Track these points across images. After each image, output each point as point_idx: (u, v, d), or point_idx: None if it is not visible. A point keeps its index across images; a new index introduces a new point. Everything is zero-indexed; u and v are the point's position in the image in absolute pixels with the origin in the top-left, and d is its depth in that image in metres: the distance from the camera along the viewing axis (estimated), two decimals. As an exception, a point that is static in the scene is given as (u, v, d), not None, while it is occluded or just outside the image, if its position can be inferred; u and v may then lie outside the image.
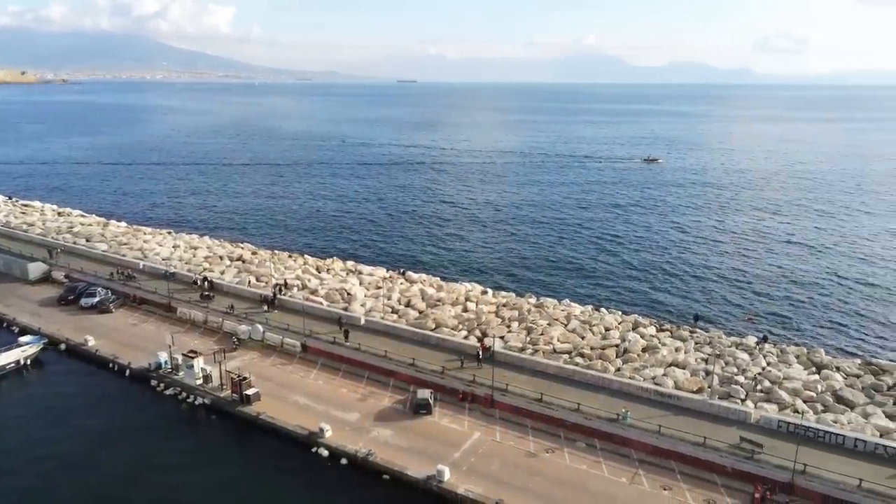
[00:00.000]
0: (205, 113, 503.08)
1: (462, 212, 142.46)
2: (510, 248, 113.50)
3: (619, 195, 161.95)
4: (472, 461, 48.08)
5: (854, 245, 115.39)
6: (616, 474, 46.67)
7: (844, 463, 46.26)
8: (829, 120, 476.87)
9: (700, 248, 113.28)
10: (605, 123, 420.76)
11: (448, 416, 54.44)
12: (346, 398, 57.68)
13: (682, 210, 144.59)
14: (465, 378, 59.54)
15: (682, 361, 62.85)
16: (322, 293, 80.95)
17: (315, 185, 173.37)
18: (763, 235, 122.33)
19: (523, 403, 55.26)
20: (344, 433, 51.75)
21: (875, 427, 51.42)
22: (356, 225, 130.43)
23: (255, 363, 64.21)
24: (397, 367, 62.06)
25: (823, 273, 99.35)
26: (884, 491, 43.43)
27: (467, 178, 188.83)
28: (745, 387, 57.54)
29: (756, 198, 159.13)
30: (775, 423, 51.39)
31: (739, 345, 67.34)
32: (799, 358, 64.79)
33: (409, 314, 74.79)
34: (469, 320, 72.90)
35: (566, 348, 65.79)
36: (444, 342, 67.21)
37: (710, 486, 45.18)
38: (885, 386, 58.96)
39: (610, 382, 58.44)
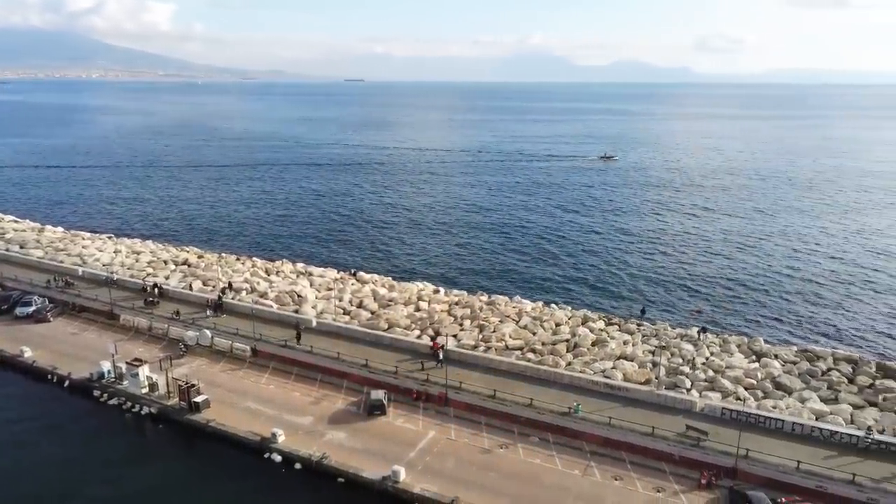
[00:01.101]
0: (145, 113, 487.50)
1: (412, 211, 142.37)
2: (462, 247, 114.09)
3: (568, 193, 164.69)
4: (428, 460, 48.20)
5: (787, 238, 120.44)
6: (569, 467, 47.54)
7: (784, 446, 48.35)
8: (763, 118, 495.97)
9: (645, 244, 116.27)
10: (554, 122, 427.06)
11: (402, 416, 54.40)
12: (298, 402, 56.94)
13: (627, 207, 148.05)
14: (419, 377, 59.61)
15: (630, 354, 64.48)
16: (272, 296, 79.67)
17: (262, 187, 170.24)
18: (703, 230, 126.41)
19: (477, 401, 55.70)
20: (297, 437, 51.09)
21: (811, 411, 53.93)
22: (306, 226, 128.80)
23: (203, 369, 62.70)
24: (350, 368, 61.64)
25: (759, 265, 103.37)
26: (820, 471, 45.62)
27: (416, 177, 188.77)
28: (690, 376, 59.48)
29: (696, 195, 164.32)
30: (719, 410, 53.30)
31: (684, 336, 69.56)
32: (740, 347, 67.37)
33: (362, 315, 74.39)
34: (422, 319, 73.00)
35: (518, 345, 66.61)
36: (397, 342, 67.11)
37: (658, 475, 46.51)
38: (820, 371, 61.91)
39: (561, 377, 59.48)
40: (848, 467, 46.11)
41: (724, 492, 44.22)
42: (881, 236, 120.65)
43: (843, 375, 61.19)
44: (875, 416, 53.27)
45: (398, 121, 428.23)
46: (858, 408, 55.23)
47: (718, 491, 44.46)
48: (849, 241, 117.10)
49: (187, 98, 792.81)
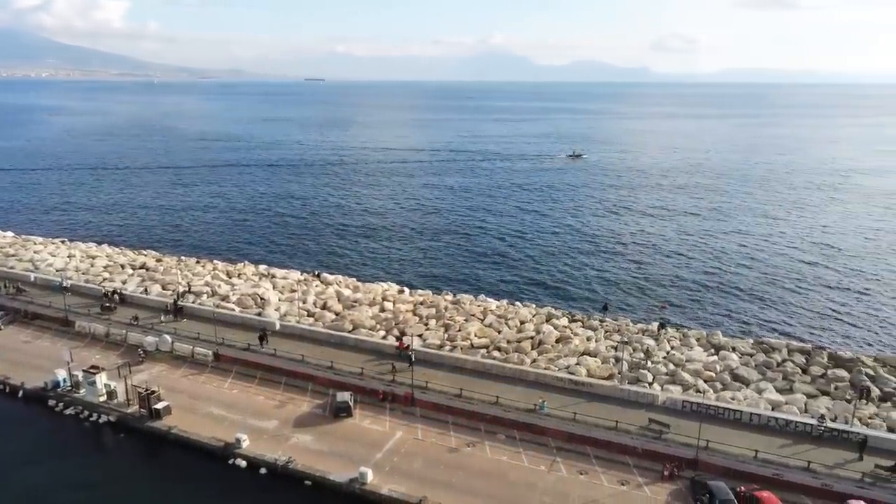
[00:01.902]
0: (99, 113, 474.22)
1: (376, 211, 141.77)
2: (426, 247, 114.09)
3: (531, 192, 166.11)
4: (395, 461, 48.12)
5: (742, 234, 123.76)
6: (535, 463, 48.02)
7: (742, 436, 49.75)
8: (718, 117, 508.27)
9: (606, 242, 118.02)
10: (517, 121, 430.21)
11: (369, 417, 54.18)
12: (263, 406, 56.21)
13: (589, 206, 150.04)
14: (384, 378, 59.45)
15: (593, 350, 65.43)
16: (234, 299, 78.45)
17: (222, 188, 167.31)
18: (662, 228, 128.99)
19: (443, 400, 55.82)
20: (262, 442, 50.44)
21: (767, 401, 55.58)
22: (267, 228, 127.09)
23: (164, 375, 61.38)
24: (315, 370, 61.12)
25: (716, 261, 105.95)
26: (776, 459, 47.08)
27: (379, 177, 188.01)
28: (652, 371, 60.65)
29: (655, 193, 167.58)
30: (680, 403, 54.53)
31: (646, 331, 70.89)
32: (699, 341, 68.97)
33: (326, 316, 73.82)
34: (387, 320, 72.80)
35: (483, 343, 66.97)
36: (362, 343, 66.81)
37: (622, 468, 47.33)
38: (775, 363, 63.81)
39: (526, 374, 60.02)
40: (803, 455, 47.68)
41: (685, 482, 45.25)
42: (829, 232, 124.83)
43: (797, 366, 63.20)
44: (827, 405, 55.16)
45: (360, 121, 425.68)
46: (812, 397, 57.12)
47: (680, 482, 45.47)
48: (799, 237, 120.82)
49: (143, 98, 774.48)
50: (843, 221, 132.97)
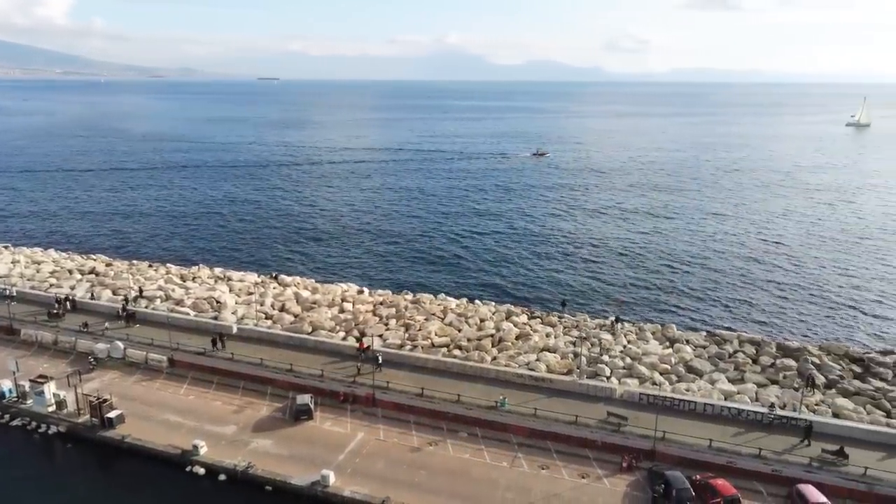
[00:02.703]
0: (41, 113, 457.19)
1: (334, 212, 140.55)
2: (385, 247, 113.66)
3: (488, 191, 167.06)
4: (357, 462, 47.87)
5: (693, 229, 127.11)
6: (497, 459, 48.41)
7: (697, 426, 51.14)
8: (669, 115, 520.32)
9: (563, 239, 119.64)
10: (474, 120, 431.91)
11: (330, 420, 53.74)
12: (220, 411, 55.16)
13: (546, 204, 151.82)
14: (346, 379, 59.05)
15: (552, 346, 66.32)
16: (188, 303, 76.76)
17: (173, 190, 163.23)
18: (616, 225, 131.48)
19: (405, 399, 55.77)
20: (220, 448, 49.51)
21: (720, 391, 57.27)
22: (223, 230, 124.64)
23: (116, 383, 59.65)
24: (274, 374, 60.31)
25: (668, 256, 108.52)
26: (730, 448, 48.57)
27: (336, 177, 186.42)
28: (609, 365, 61.81)
29: (609, 190, 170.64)
30: (637, 396, 55.72)
31: (603, 326, 72.18)
32: (654, 334, 70.59)
33: (285, 319, 72.92)
34: (346, 321, 72.32)
35: (444, 342, 67.16)
36: (322, 345, 66.22)
37: (583, 461, 48.11)
38: (727, 354, 65.80)
39: (487, 371, 60.44)
40: (754, 442, 49.30)
41: (643, 473, 46.28)
42: (774, 228, 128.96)
43: (747, 357, 65.28)
44: (777, 393, 57.14)
45: (315, 121, 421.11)
46: (762, 386, 59.07)
47: (639, 473, 46.49)
48: (746, 233, 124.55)
49: (89, 97, 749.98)
50: (787, 217, 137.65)
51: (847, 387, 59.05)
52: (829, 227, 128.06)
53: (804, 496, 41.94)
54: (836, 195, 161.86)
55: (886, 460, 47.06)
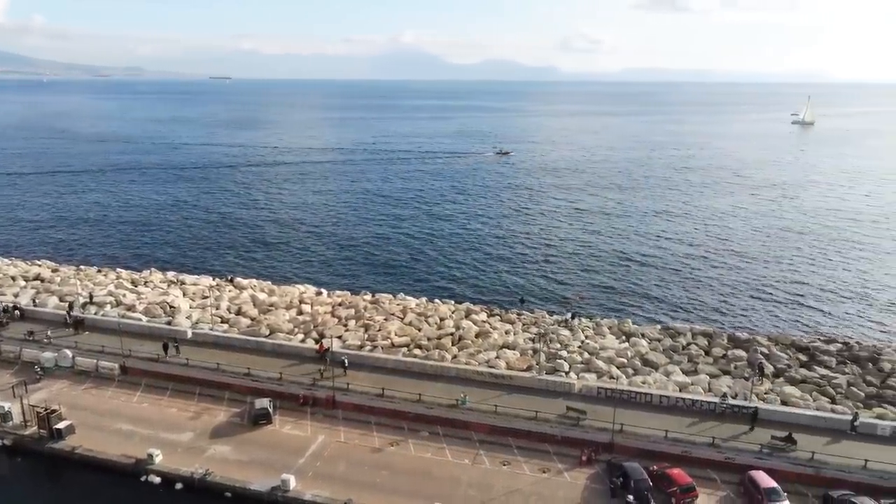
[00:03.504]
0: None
1: (290, 213, 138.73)
2: (343, 247, 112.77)
3: (446, 190, 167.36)
4: (318, 465, 47.40)
5: (646, 226, 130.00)
6: (459, 457, 48.59)
7: (653, 418, 52.32)
8: (622, 114, 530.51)
9: (520, 237, 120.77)
10: (432, 119, 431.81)
11: (290, 423, 53.07)
12: (176, 418, 53.87)
13: (502, 202, 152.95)
14: (304, 382, 58.40)
15: (512, 343, 66.92)
16: (140, 308, 74.73)
17: (121, 193, 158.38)
18: (571, 222, 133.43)
19: (365, 400, 55.48)
20: (176, 455, 48.37)
21: (675, 383, 58.73)
22: (175, 233, 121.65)
23: (65, 392, 57.65)
24: (232, 378, 59.22)
25: (623, 252, 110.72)
26: (685, 438, 49.89)
27: (290, 178, 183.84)
28: (568, 360, 62.71)
29: (565, 188, 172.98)
30: (595, 390, 56.69)
31: (561, 322, 73.17)
32: (611, 329, 71.93)
33: (241, 322, 71.68)
34: (305, 323, 71.54)
35: (404, 342, 67.05)
36: (280, 348, 65.33)
37: (543, 456, 48.68)
38: (681, 346, 67.53)
39: (448, 370, 60.60)
40: (708, 431, 50.75)
41: (602, 466, 47.12)
42: (723, 223, 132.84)
43: (700, 349, 67.14)
44: (728, 384, 58.91)
45: (269, 120, 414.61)
46: (714, 377, 60.81)
47: (598, 466, 47.29)
48: (697, 229, 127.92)
49: (31, 97, 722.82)
50: (734, 213, 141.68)
51: (794, 375, 61.29)
52: (774, 223, 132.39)
53: (755, 482, 43.34)
54: (780, 192, 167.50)
55: (831, 444, 49.02)
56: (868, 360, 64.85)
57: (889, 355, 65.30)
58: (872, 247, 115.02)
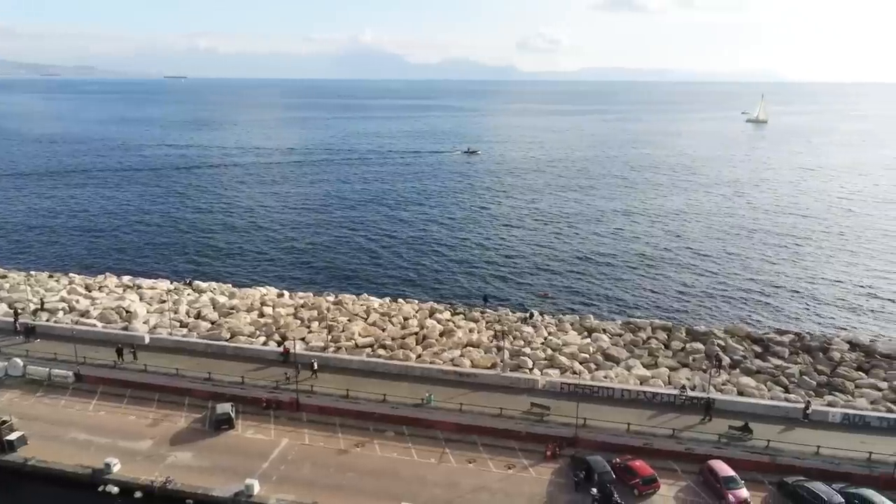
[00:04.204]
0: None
1: (250, 214, 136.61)
2: (304, 248, 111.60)
3: (407, 189, 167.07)
4: (283, 469, 46.84)
5: (607, 223, 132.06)
6: (425, 456, 48.60)
7: (616, 412, 53.20)
8: (579, 113, 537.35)
9: (481, 236, 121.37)
10: (394, 119, 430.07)
11: (253, 427, 52.30)
12: (134, 426, 52.55)
13: (462, 200, 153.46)
14: (267, 385, 57.64)
15: (476, 341, 67.23)
16: (95, 314, 72.69)
17: (73, 196, 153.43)
18: (533, 219, 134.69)
19: (330, 402, 55.05)
20: (135, 464, 47.18)
21: (636, 377, 59.86)
22: (129, 236, 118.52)
23: (16, 403, 55.64)
24: (192, 383, 58.05)
25: (584, 250, 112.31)
26: (647, 430, 50.90)
27: (251, 178, 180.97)
28: (531, 357, 63.30)
29: (523, 185, 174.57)
30: (558, 385, 57.37)
31: (524, 319, 73.80)
32: (573, 325, 72.86)
33: (201, 326, 70.33)
34: (267, 325, 70.58)
35: (368, 342, 66.76)
36: (242, 351, 64.34)
37: (508, 452, 49.04)
38: (641, 340, 68.82)
39: (412, 369, 60.56)
40: (668, 423, 51.85)
41: (566, 460, 47.69)
42: (679, 220, 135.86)
43: (660, 342, 68.54)
44: (687, 376, 60.30)
45: (228, 120, 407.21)
46: (674, 370, 62.18)
47: (562, 460, 47.86)
48: (654, 225, 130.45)
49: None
50: (689, 210, 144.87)
51: (750, 366, 63.07)
52: (728, 220, 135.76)
53: (714, 471, 44.49)
54: (733, 189, 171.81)
55: (786, 432, 50.62)
56: (819, 349, 67.17)
57: (838, 345, 67.74)
58: (821, 242, 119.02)
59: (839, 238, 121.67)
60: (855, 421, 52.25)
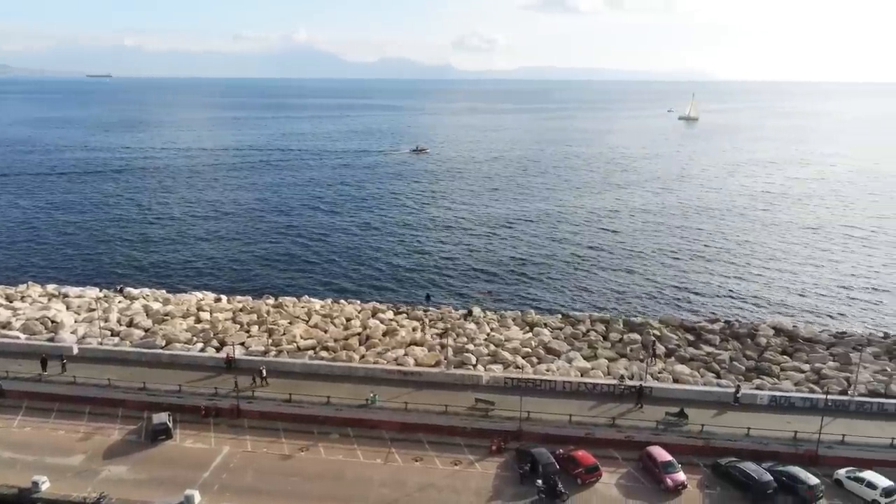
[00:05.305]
0: None
1: (183, 217, 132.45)
2: (242, 251, 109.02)
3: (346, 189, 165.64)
4: (224, 477, 45.64)
5: (542, 220, 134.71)
6: (371, 457, 48.30)
7: (558, 404, 54.25)
8: (518, 111, 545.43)
9: (422, 234, 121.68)
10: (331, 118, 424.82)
11: (192, 436, 50.72)
12: (64, 441, 50.09)
13: (401, 199, 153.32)
14: (206, 393, 56.03)
15: (419, 339, 67.28)
16: (17, 325, 68.90)
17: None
18: (472, 216, 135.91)
19: (272, 407, 54.01)
20: (66, 481, 44.99)
21: (577, 369, 61.22)
22: (53, 243, 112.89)
23: (-70, 423, 52.22)
24: (126, 394, 55.80)
25: (522, 246, 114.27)
26: (587, 420, 52.11)
27: (181, 181, 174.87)
28: (475, 353, 63.82)
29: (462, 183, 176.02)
30: (502, 380, 58.07)
31: (466, 316, 74.30)
32: (515, 320, 73.87)
33: (134, 334, 67.75)
34: (204, 331, 68.59)
35: (310, 344, 65.87)
36: (178, 358, 62.32)
37: (454, 449, 49.27)
38: (581, 333, 70.41)
39: (356, 370, 60.10)
40: (608, 412, 53.27)
41: (511, 454, 48.32)
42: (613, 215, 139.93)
43: (598, 334, 70.28)
44: (625, 366, 62.09)
45: (154, 120, 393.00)
46: (612, 360, 63.89)
47: (507, 454, 48.44)
48: (589, 221, 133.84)
49: None
50: (623, 205, 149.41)
51: (683, 354, 65.52)
52: (658, 214, 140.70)
53: (653, 457, 45.97)
54: (663, 184, 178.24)
55: (718, 416, 52.84)
56: (747, 336, 70.40)
57: (764, 331, 71.14)
58: (746, 233, 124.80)
59: (762, 229, 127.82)
60: (781, 402, 55.00)
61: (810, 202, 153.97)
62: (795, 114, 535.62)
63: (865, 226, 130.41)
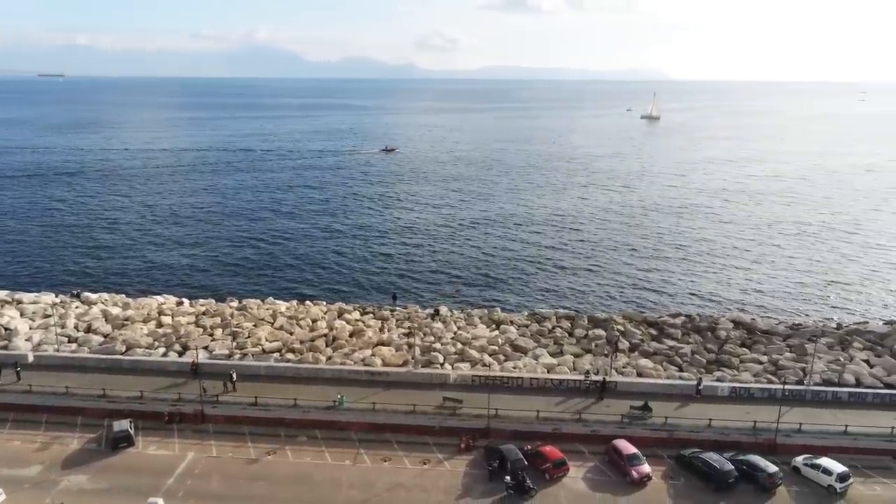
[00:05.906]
0: None
1: (141, 219, 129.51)
2: (203, 253, 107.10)
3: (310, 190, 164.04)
4: (189, 484, 44.83)
5: (506, 219, 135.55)
6: (339, 459, 47.99)
7: (525, 400, 54.70)
8: (481, 110, 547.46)
9: (387, 234, 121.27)
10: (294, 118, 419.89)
11: (155, 443, 49.68)
12: (20, 452, 48.54)
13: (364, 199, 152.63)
14: (168, 398, 54.92)
15: (386, 339, 67.09)
16: (-32, 334, 66.46)
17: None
18: (437, 218, 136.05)
19: (237, 411, 53.24)
20: (23, 493, 43.63)
21: (543, 365, 61.83)
22: (2, 249, 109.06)
23: None
24: (84, 402, 54.35)
25: (487, 245, 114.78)
26: (555, 416, 52.74)
27: (138, 183, 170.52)
28: (442, 352, 63.92)
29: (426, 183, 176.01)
30: (470, 378, 58.32)
31: (433, 315, 74.34)
32: (482, 318, 74.22)
33: (92, 340, 66.03)
34: (166, 335, 67.21)
35: (275, 347, 65.11)
36: (140, 364, 60.99)
37: (423, 448, 49.30)
38: (547, 330, 71.12)
39: (323, 372, 59.64)
40: (574, 408, 53.97)
41: (480, 451, 48.55)
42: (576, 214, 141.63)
43: (564, 331, 71.11)
44: (590, 361, 62.96)
45: (112, 121, 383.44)
46: (578, 356, 64.72)
47: (476, 451, 48.68)
48: (553, 220, 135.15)
49: None
50: (585, 204, 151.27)
51: (647, 348, 66.71)
52: (620, 213, 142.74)
53: (618, 450, 46.74)
54: (624, 182, 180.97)
55: (681, 408, 53.98)
56: (707, 329, 72.05)
57: (724, 324, 72.88)
58: (705, 230, 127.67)
59: (720, 224, 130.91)
60: (741, 393, 56.49)
61: (765, 199, 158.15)
62: (755, 113, 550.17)
63: (816, 221, 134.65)
